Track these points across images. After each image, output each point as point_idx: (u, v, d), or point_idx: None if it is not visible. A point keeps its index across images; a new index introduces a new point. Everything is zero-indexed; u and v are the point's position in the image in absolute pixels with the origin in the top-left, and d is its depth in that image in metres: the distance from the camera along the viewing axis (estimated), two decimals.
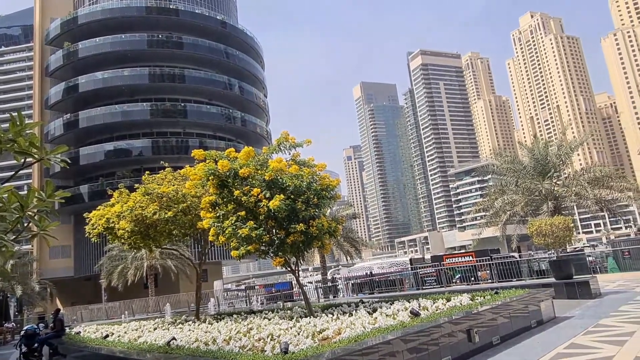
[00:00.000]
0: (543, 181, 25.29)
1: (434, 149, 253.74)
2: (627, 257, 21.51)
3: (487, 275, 21.34)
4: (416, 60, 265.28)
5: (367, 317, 9.38)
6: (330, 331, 8.16)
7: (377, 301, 13.17)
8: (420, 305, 10.47)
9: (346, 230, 42.13)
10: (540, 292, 11.77)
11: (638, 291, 14.91)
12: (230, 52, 60.05)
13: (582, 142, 28.71)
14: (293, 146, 12.68)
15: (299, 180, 11.29)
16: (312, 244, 11.78)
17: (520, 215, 27.77)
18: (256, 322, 10.84)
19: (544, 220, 15.86)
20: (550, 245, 16.08)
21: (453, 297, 11.25)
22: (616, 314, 11.05)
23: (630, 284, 17.38)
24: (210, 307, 29.39)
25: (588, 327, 9.73)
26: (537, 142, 26.84)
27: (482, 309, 9.19)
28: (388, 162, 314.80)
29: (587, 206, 26.11)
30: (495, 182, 32.01)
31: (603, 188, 24.89)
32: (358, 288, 30.85)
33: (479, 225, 31.32)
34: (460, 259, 24.14)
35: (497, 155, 29.82)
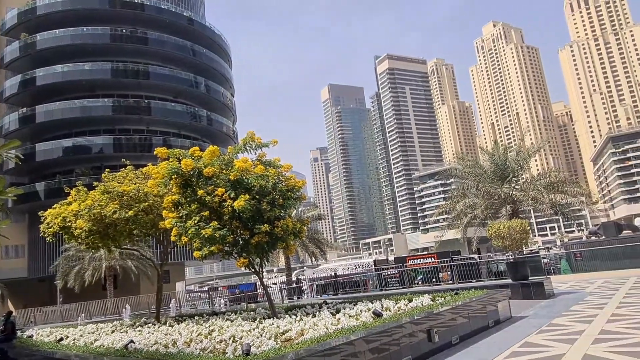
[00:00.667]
0: (502, 185, 26.16)
1: (399, 152, 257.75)
2: (579, 259, 22.52)
3: (448, 277, 21.84)
4: (383, 64, 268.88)
5: (330, 318, 9.43)
6: (293, 332, 8.16)
7: (341, 302, 13.26)
8: (382, 306, 10.62)
9: (311, 231, 42.20)
10: (498, 293, 12.16)
11: (588, 292, 15.62)
12: (197, 49, 59.07)
13: (539, 148, 29.90)
14: (259, 146, 12.61)
15: (264, 180, 11.24)
16: (277, 244, 11.75)
17: (480, 218, 28.62)
18: (218, 324, 10.70)
19: (503, 223, 16.40)
20: (508, 247, 16.64)
21: (415, 298, 11.47)
22: (568, 313, 11.54)
23: (581, 284, 18.19)
24: (171, 309, 28.77)
25: (541, 327, 10.12)
26: (497, 147, 27.75)
27: (442, 309, 9.41)
28: (354, 164, 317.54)
29: (543, 210, 27.21)
30: (458, 186, 32.88)
31: (558, 193, 26.00)
32: (322, 289, 30.90)
33: (442, 228, 32.10)
34: (422, 261, 24.58)
35: (459, 160, 30.64)
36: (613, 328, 9.02)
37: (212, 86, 60.66)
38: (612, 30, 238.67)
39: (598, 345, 7.75)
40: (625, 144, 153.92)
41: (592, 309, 11.65)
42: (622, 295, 13.69)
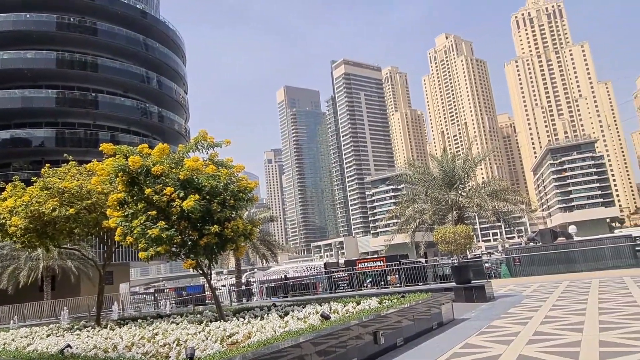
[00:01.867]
0: (449, 192, 27.10)
1: (352, 156, 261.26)
2: (518, 264, 23.70)
3: (396, 280, 22.34)
4: (339, 69, 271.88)
5: (278, 320, 9.41)
6: (240, 335, 8.07)
7: (290, 305, 13.27)
8: (331, 309, 10.71)
9: (263, 233, 41.90)
10: (442, 296, 12.59)
11: (525, 295, 16.46)
12: (149, 43, 57.28)
13: (484, 157, 31.22)
14: (211, 145, 12.40)
15: (215, 180, 11.06)
16: (227, 246, 11.59)
17: (428, 223, 29.51)
18: (163, 327, 10.40)
19: (448, 228, 16.99)
20: (453, 251, 17.29)
21: (363, 301, 11.65)
22: (506, 315, 12.11)
23: (519, 288, 19.13)
24: (114, 312, 27.63)
25: (481, 328, 10.57)
26: (446, 155, 28.72)
27: (388, 312, 9.62)
28: (308, 166, 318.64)
29: (486, 216, 28.44)
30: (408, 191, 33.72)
31: (500, 200, 27.28)
32: (272, 292, 30.76)
33: (391, 232, 32.80)
34: (371, 264, 25.01)
35: (409, 166, 31.46)
36: (546, 329, 9.55)
37: (165, 82, 59.01)
38: (553, 49, 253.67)
39: (532, 345, 8.19)
40: (562, 156, 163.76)
41: (528, 312, 12.29)
42: (555, 298, 14.53)
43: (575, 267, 21.88)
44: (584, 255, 21.87)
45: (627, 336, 8.07)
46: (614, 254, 21.59)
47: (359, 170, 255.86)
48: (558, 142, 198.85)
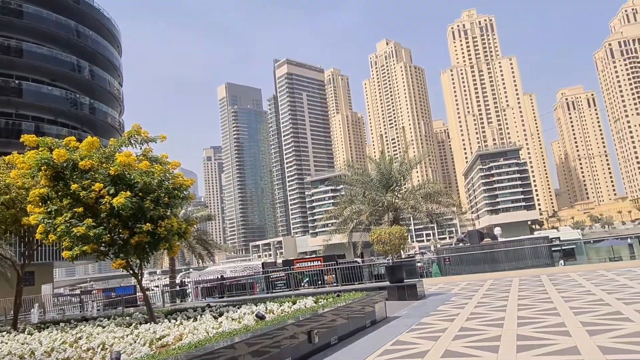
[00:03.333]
0: (386, 194, 27.87)
1: (293, 156, 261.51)
2: (448, 264, 24.87)
3: (333, 279, 22.65)
4: (282, 68, 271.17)
5: (212, 321, 9.23)
6: (171, 337, 7.83)
7: (225, 305, 13.06)
8: (266, 309, 10.67)
9: (200, 232, 40.89)
10: (376, 295, 12.92)
11: (453, 293, 17.29)
12: (82, 31, 53.91)
13: (419, 161, 32.39)
14: (145, 140, 11.95)
15: (149, 177, 10.66)
16: (160, 245, 11.21)
17: (365, 223, 30.12)
18: (87, 331, 9.85)
19: (384, 229, 17.47)
20: (388, 251, 17.78)
21: (299, 300, 11.70)
22: (435, 313, 12.66)
23: (448, 286, 20.07)
24: (33, 315, 25.75)
25: (412, 326, 10.98)
26: (384, 158, 29.49)
27: (323, 311, 9.73)
28: (248, 165, 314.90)
29: (420, 218, 29.48)
30: (346, 192, 34.25)
31: (433, 203, 28.45)
32: (208, 292, 30.14)
33: (330, 232, 33.14)
34: (309, 264, 25.21)
35: (349, 168, 31.97)
36: (471, 325, 10.10)
37: (98, 72, 55.83)
38: (485, 60, 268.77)
39: (457, 341, 8.62)
40: (490, 162, 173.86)
41: (455, 309, 12.92)
42: (480, 296, 15.39)
43: (499, 266, 23.32)
44: (506, 256, 23.37)
45: (542, 330, 8.71)
46: (533, 254, 23.26)
47: (300, 170, 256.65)
48: (487, 148, 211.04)
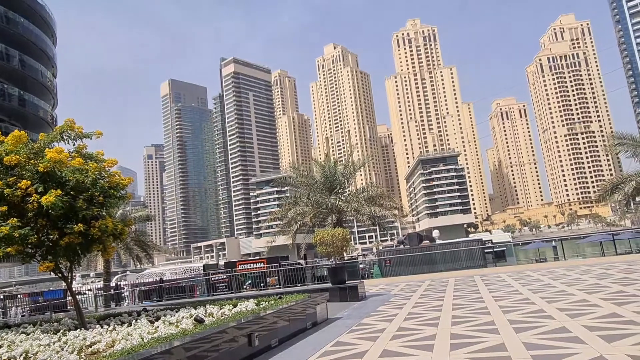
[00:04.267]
0: (330, 196, 28.18)
1: (238, 156, 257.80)
2: (388, 265, 25.52)
3: (275, 281, 22.54)
4: (229, 67, 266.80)
5: (148, 326, 8.90)
6: (103, 344, 7.46)
7: (163, 309, 12.63)
8: (206, 312, 10.44)
9: (138, 233, 39.31)
10: (318, 297, 13.00)
11: (393, 294, 17.77)
12: (11, 17, 50.17)
13: (362, 164, 33.04)
14: (79, 136, 11.35)
15: (82, 175, 10.11)
16: (93, 247, 10.67)
17: (309, 225, 30.27)
18: (9, 338, 9.16)
19: (327, 231, 17.65)
20: (331, 253, 17.97)
21: (240, 303, 11.55)
22: (375, 313, 12.94)
23: (388, 287, 20.59)
24: None
25: (352, 326, 11.15)
26: (328, 160, 29.83)
27: (264, 313, 9.67)
28: (191, 165, 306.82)
29: (363, 220, 30.07)
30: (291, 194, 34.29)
31: (376, 206, 29.09)
32: (146, 295, 28.99)
33: (274, 234, 33.02)
34: (252, 266, 24.93)
35: (294, 169, 32.04)
36: (408, 325, 10.42)
37: (29, 62, 52.20)
38: (427, 69, 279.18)
39: (395, 341, 8.87)
40: (430, 167, 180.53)
41: (394, 309, 13.28)
42: (418, 296, 15.92)
43: (436, 267, 24.24)
44: (443, 257, 24.36)
45: (474, 328, 9.15)
46: (468, 256, 24.40)
47: (245, 170, 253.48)
48: (428, 154, 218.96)
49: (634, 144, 27.11)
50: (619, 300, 10.52)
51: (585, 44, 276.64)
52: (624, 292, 11.70)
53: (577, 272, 17.82)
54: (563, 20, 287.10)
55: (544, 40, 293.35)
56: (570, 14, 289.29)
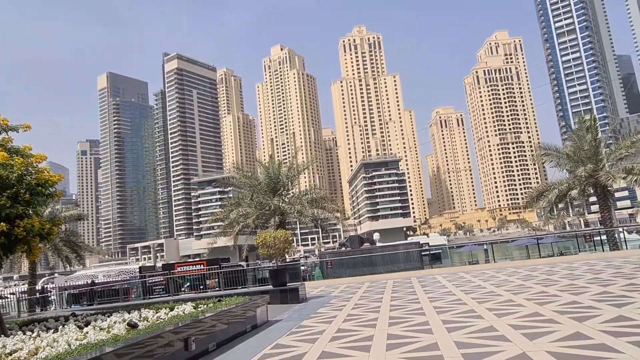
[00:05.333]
0: (273, 197, 28.07)
1: (180, 155, 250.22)
2: (330, 267, 25.80)
3: (215, 284, 22.12)
4: (172, 63, 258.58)
5: (76, 332, 8.42)
6: (25, 352, 6.97)
7: (94, 313, 12.03)
8: (141, 316, 10.06)
9: (68, 233, 37.15)
10: (259, 299, 12.91)
11: (333, 295, 17.98)
12: None
13: (306, 166, 33.21)
14: (5, 129, 10.63)
15: (7, 170, 9.45)
16: (16, 247, 9.96)
17: (251, 227, 29.99)
18: None
19: (269, 233, 17.56)
20: (273, 255, 17.88)
21: (177, 306, 11.23)
22: (315, 315, 13.03)
23: (329, 289, 20.80)
24: None
25: (292, 329, 11.17)
26: (272, 162, 29.71)
27: (202, 317, 9.45)
28: (129, 162, 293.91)
29: (305, 222, 30.21)
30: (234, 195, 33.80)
31: (319, 208, 29.36)
32: (75, 299, 27.43)
33: (215, 235, 32.39)
34: (191, 267, 24.32)
35: (237, 170, 31.61)
36: (347, 326, 10.59)
37: None
38: (372, 75, 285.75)
39: (334, 342, 8.98)
40: (373, 171, 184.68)
41: (334, 311, 13.45)
42: (357, 297, 16.22)
43: (376, 269, 24.82)
44: (383, 259, 25.00)
45: (409, 329, 9.47)
46: (406, 258, 25.20)
47: (186, 170, 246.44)
48: (371, 158, 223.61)
49: (557, 155, 29.25)
50: (541, 300, 11.29)
51: (518, 59, 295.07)
52: (545, 293, 12.56)
53: (505, 274, 18.91)
54: (498, 35, 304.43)
55: (481, 54, 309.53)
56: (505, 31, 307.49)
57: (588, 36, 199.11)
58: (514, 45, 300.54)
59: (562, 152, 29.73)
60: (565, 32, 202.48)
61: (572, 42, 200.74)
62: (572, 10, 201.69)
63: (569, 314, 9.25)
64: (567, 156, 28.94)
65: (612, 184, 27.25)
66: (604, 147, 29.16)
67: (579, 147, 28.27)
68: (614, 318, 8.47)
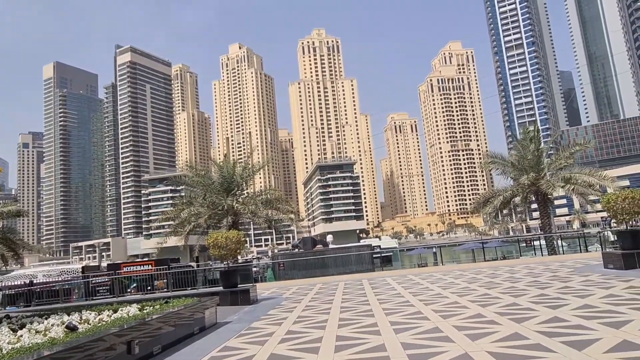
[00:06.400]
0: (227, 197, 27.65)
1: (130, 151, 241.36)
2: (282, 269, 25.72)
3: (164, 285, 21.47)
4: (125, 55, 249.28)
5: (9, 335, 7.94)
6: None
7: (30, 315, 11.40)
8: (82, 318, 9.63)
9: (5, 230, 34.92)
10: (208, 301, 12.67)
11: (285, 297, 17.93)
12: None
13: (261, 167, 32.97)
14: None
15: None
16: None
17: (203, 227, 29.39)
18: None
19: (221, 233, 17.29)
20: (224, 256, 17.60)
21: (122, 308, 10.85)
22: (265, 317, 12.95)
23: (281, 291, 20.73)
24: None
25: (241, 331, 11.04)
26: (227, 161, 29.29)
27: (147, 319, 9.17)
28: (76, 157, 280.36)
29: (259, 223, 29.96)
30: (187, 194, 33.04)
31: (273, 209, 29.20)
32: (10, 300, 25.80)
33: (165, 234, 31.50)
34: (138, 268, 23.49)
35: (190, 168, 30.91)
36: (297, 328, 10.58)
37: None
38: (330, 78, 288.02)
39: (283, 344, 8.96)
40: (328, 173, 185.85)
41: (285, 313, 13.41)
42: (308, 299, 16.26)
43: (328, 271, 24.99)
44: (335, 261, 25.21)
45: (358, 330, 9.59)
46: (358, 260, 25.55)
47: (137, 167, 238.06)
48: (326, 160, 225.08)
49: (503, 163, 30.61)
50: (484, 302, 11.75)
51: (469, 70, 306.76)
52: (488, 295, 13.10)
53: (452, 277, 19.55)
54: (452, 46, 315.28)
55: (435, 63, 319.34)
56: (458, 42, 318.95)
57: (534, 51, 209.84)
58: (467, 56, 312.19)
59: (507, 161, 31.14)
60: (513, 47, 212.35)
61: (519, 57, 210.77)
62: (521, 26, 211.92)
63: (509, 315, 9.69)
64: (512, 165, 30.34)
65: (552, 192, 28.82)
66: (545, 157, 30.81)
67: (523, 157, 29.70)
68: (549, 319, 8.95)
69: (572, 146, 29.77)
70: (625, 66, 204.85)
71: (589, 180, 27.08)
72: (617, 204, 15.93)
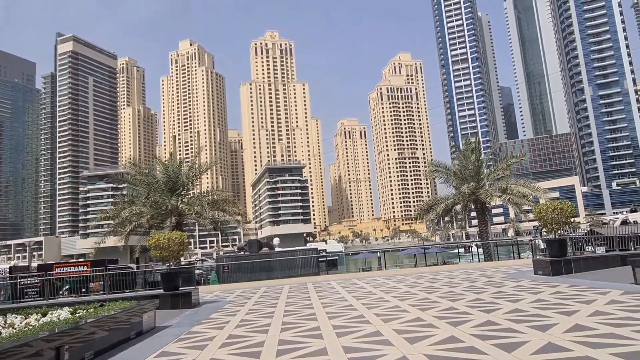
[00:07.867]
0: (171, 197, 26.87)
1: (69, 146, 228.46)
2: (227, 272, 25.30)
3: (100, 287, 20.48)
4: (67, 44, 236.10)
5: None
6: None
7: None
8: (6, 322, 9.00)
9: None
10: (147, 304, 12.21)
11: (228, 300, 17.63)
12: None
13: (209, 167, 32.36)
14: None
15: None
16: None
17: (145, 227, 28.39)
18: None
19: (164, 234, 16.75)
20: (166, 258, 17.05)
21: (52, 311, 10.24)
22: (207, 321, 12.66)
23: (224, 294, 20.37)
24: None
25: (180, 335, 10.72)
26: (173, 160, 28.48)
27: (79, 323, 8.71)
28: (7, 149, 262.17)
29: (204, 224, 29.33)
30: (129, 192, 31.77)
31: (219, 210, 28.69)
32: None
33: (104, 234, 30.14)
34: (72, 269, 22.27)
35: (133, 166, 29.77)
36: (239, 332, 10.43)
37: None
38: (282, 81, 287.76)
39: (224, 349, 8.79)
40: (277, 176, 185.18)
41: (227, 316, 13.18)
42: (252, 303, 16.08)
43: (273, 274, 24.86)
44: (281, 264, 25.11)
45: (301, 334, 9.60)
46: (304, 264, 25.59)
47: (76, 162, 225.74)
48: (276, 163, 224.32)
49: (446, 172, 31.82)
50: (423, 306, 12.13)
51: (418, 80, 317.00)
52: (428, 299, 13.54)
53: (395, 281, 20.03)
54: (401, 56, 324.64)
55: (385, 72, 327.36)
56: (408, 52, 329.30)
57: (478, 67, 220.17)
58: (415, 67, 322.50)
59: (450, 170, 32.41)
60: (459, 61, 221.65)
61: (464, 70, 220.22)
62: (466, 41, 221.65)
63: (446, 319, 10.06)
64: (454, 174, 31.62)
65: (490, 201, 30.32)
66: (485, 167, 32.36)
67: (464, 166, 31.03)
68: (483, 323, 9.38)
69: (509, 158, 31.48)
70: (558, 85, 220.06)
71: (523, 191, 28.72)
72: (548, 214, 16.98)
